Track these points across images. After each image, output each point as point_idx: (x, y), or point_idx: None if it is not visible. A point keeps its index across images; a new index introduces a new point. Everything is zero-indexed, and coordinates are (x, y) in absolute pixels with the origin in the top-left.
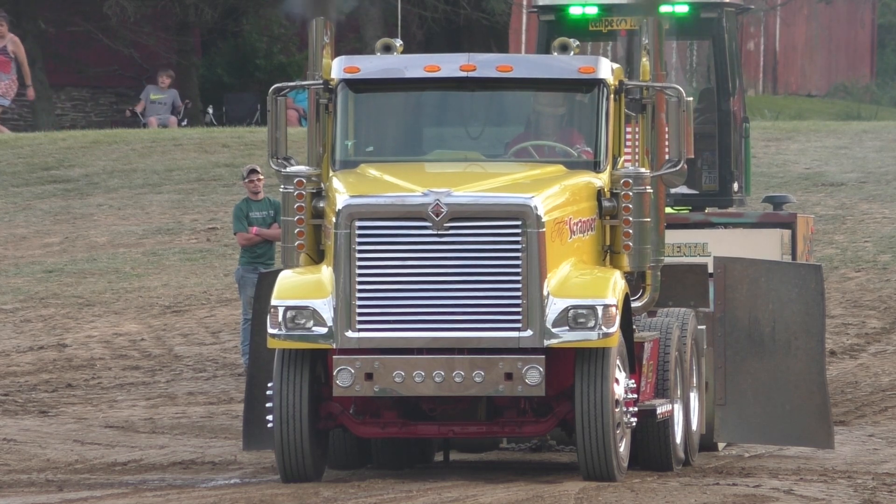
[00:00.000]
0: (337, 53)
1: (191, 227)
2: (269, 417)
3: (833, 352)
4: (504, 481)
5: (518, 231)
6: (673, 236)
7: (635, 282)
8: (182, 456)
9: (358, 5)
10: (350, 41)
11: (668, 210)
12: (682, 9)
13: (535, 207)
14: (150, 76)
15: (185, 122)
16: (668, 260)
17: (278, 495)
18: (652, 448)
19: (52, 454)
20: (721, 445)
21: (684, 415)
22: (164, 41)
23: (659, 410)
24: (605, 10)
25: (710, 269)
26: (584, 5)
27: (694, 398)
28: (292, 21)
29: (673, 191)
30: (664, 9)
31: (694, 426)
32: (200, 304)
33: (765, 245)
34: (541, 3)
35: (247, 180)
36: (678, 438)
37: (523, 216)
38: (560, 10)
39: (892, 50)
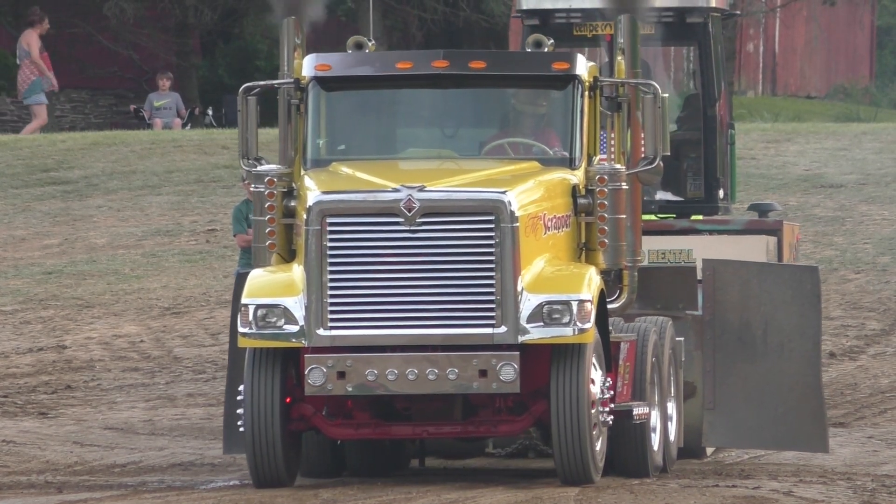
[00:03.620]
0: None
1: (190, 229)
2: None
3: (832, 353)
4: (503, 484)
5: (492, 226)
6: (657, 242)
7: (612, 282)
8: (181, 458)
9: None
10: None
11: (653, 217)
12: (668, 13)
13: (509, 202)
14: (150, 78)
15: (188, 126)
16: (656, 264)
17: (277, 497)
18: (628, 451)
19: (51, 456)
20: (710, 451)
21: (662, 422)
22: (164, 42)
23: (635, 412)
24: (590, 14)
25: (699, 274)
26: (568, 10)
27: (672, 407)
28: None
29: (658, 197)
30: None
31: (672, 436)
32: (200, 305)
33: (750, 252)
34: (525, 8)
35: (246, 182)
36: (655, 445)
37: (497, 211)
38: (545, 14)
39: (890, 52)
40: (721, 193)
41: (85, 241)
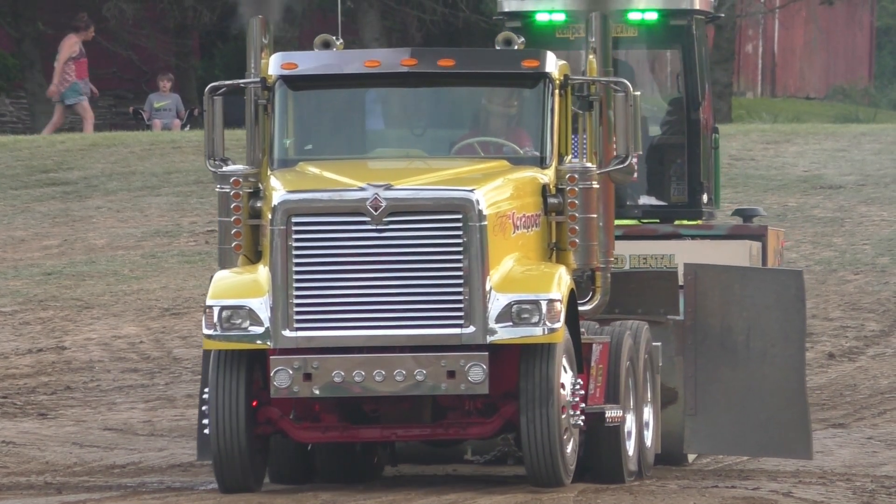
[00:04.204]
0: None
1: (189, 230)
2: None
3: (831, 354)
4: (502, 484)
5: (459, 225)
6: (639, 247)
7: (585, 284)
8: (181, 458)
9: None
10: (348, 45)
11: (636, 222)
12: (652, 16)
13: (477, 201)
14: (149, 79)
15: (187, 127)
16: (637, 269)
17: (277, 499)
18: (602, 455)
19: (50, 457)
20: (691, 457)
21: (637, 427)
22: (163, 43)
23: (608, 414)
24: (573, 17)
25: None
26: (550, 12)
27: (648, 412)
28: (290, 24)
29: (641, 201)
30: (633, 16)
31: (648, 442)
32: (199, 306)
33: (732, 256)
34: (506, 10)
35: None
36: (631, 450)
37: (464, 209)
38: (526, 16)
39: (889, 52)
40: (705, 198)
41: (84, 242)
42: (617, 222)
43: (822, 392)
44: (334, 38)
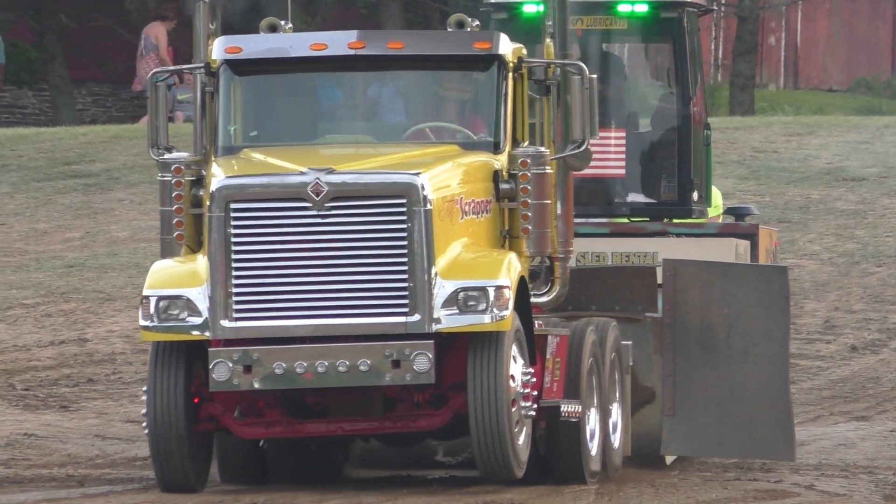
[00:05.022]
0: None
1: None
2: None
3: (854, 347)
4: (524, 479)
5: (403, 210)
6: (622, 245)
7: (543, 275)
8: None
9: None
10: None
11: (625, 220)
12: (642, 8)
13: (422, 185)
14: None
15: None
16: (615, 264)
17: (299, 494)
18: (561, 452)
19: (72, 449)
20: (669, 459)
21: (601, 427)
22: (185, 36)
23: (563, 409)
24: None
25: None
26: (538, 2)
27: (616, 412)
28: (312, 16)
29: (629, 199)
30: (623, 8)
31: (616, 443)
32: None
33: (717, 254)
34: (493, 1)
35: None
36: (593, 449)
37: (408, 194)
38: (513, 8)
39: None
40: (696, 196)
41: (106, 235)
42: (605, 220)
43: (844, 384)
44: (282, 21)
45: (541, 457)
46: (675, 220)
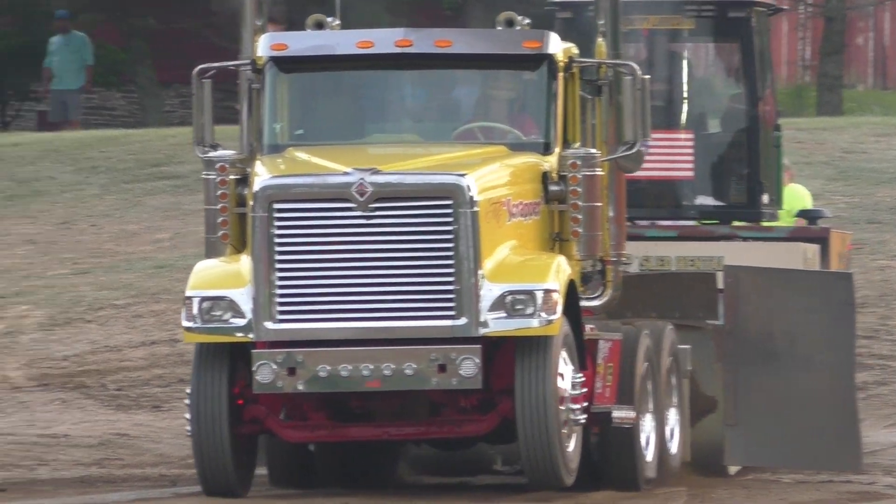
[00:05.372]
0: None
1: None
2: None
3: None
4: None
5: (449, 211)
6: (687, 249)
7: (595, 279)
8: None
9: None
10: None
11: (694, 223)
12: (709, 7)
13: (468, 186)
14: None
15: None
16: (674, 269)
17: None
18: (613, 458)
19: (165, 449)
20: (733, 470)
21: (658, 433)
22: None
23: (616, 415)
24: (626, 7)
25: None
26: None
27: (673, 418)
28: (395, 16)
29: (698, 202)
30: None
31: (673, 449)
32: None
33: (784, 259)
34: (557, 0)
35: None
36: (649, 456)
37: (454, 195)
38: (578, 7)
39: None
40: (766, 198)
41: (195, 236)
42: (672, 223)
43: None
44: (329, 17)
45: (594, 464)
46: (743, 224)
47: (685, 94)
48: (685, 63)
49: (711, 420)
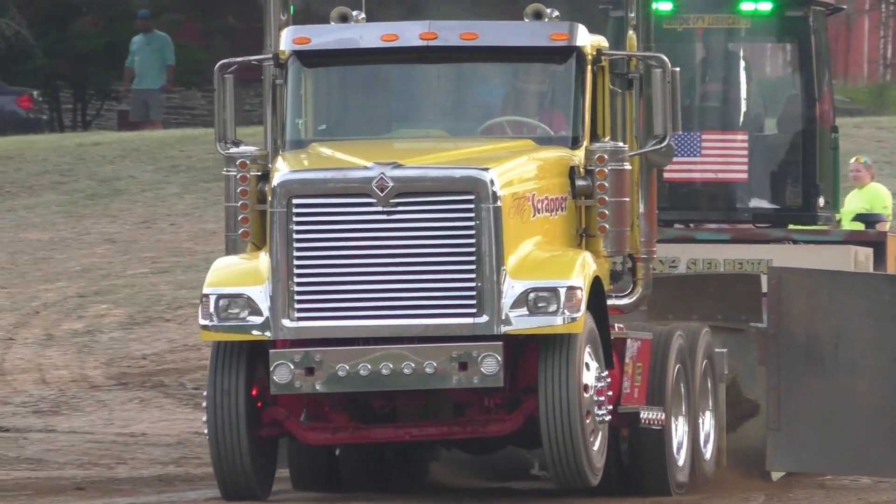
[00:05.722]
0: None
1: None
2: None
3: None
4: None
5: (471, 206)
6: (735, 252)
7: (625, 276)
8: None
9: None
10: None
11: (749, 226)
12: (766, 6)
13: (491, 181)
14: None
15: None
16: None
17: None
18: (643, 460)
19: None
20: (776, 475)
21: (691, 436)
22: None
23: (644, 415)
24: (680, 6)
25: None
26: (657, 0)
27: (708, 422)
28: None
29: (752, 204)
30: (746, 6)
31: (708, 454)
32: None
33: (833, 262)
34: None
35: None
36: (680, 460)
37: (476, 189)
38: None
39: None
40: (821, 201)
41: None
42: (726, 226)
43: None
44: (356, 11)
45: (625, 467)
46: (798, 227)
47: (741, 95)
48: (741, 63)
49: (753, 424)
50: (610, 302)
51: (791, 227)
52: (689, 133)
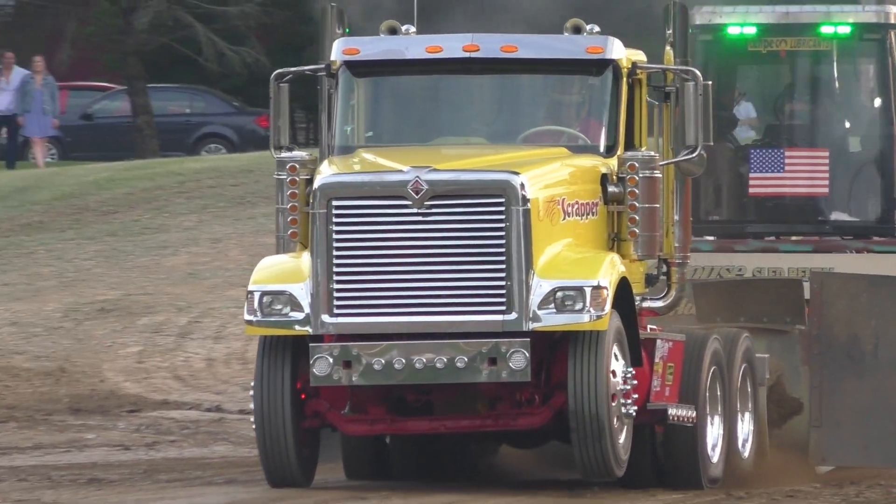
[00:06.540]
0: None
1: None
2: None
3: None
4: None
5: (501, 209)
6: (798, 260)
7: (658, 280)
8: None
9: None
10: None
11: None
12: (845, 30)
13: (521, 184)
14: None
15: None
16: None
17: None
18: (676, 457)
19: None
20: (821, 470)
21: (726, 436)
22: None
23: (672, 412)
24: (764, 30)
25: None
26: (742, 25)
27: (747, 424)
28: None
29: (832, 217)
30: (826, 29)
31: (746, 453)
32: None
33: (892, 269)
34: (699, 23)
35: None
36: (714, 457)
37: (506, 192)
38: (718, 30)
39: None
40: None
41: None
42: (809, 238)
43: None
44: (406, 25)
45: (660, 465)
46: (878, 239)
47: (821, 114)
48: (821, 83)
49: (797, 422)
50: (645, 304)
51: (873, 238)
52: (772, 150)
